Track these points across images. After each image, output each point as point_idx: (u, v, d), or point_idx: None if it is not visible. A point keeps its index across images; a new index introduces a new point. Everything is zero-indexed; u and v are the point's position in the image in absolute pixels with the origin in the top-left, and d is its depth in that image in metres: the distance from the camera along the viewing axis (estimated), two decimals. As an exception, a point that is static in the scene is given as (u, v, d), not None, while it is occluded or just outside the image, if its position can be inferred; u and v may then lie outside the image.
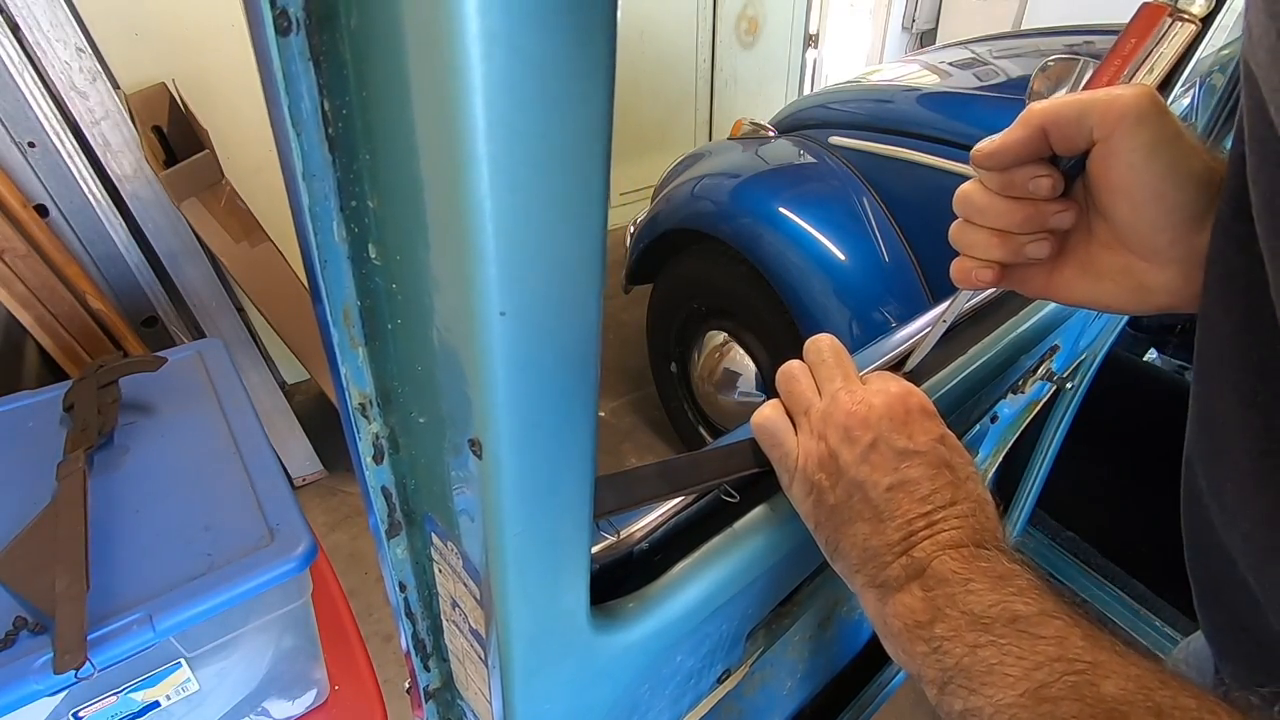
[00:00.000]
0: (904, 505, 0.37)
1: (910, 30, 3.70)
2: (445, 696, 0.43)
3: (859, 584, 0.39)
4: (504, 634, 0.30)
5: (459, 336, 0.23)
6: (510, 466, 0.25)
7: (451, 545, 0.31)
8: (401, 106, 0.20)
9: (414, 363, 0.27)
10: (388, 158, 0.22)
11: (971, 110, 1.38)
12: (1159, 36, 0.50)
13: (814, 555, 0.53)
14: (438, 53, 0.18)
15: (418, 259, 0.23)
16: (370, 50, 0.20)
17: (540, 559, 0.29)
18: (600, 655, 0.36)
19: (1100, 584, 1.25)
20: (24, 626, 0.53)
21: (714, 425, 1.89)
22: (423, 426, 0.29)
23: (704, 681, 0.51)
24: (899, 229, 1.43)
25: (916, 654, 0.34)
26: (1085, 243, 0.42)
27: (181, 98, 1.60)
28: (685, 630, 0.41)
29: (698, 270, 1.73)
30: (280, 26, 0.20)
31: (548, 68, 0.18)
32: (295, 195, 0.23)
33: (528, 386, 0.24)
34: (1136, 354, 1.49)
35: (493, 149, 0.18)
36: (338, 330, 0.27)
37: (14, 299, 1.21)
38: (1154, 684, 0.28)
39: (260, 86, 0.21)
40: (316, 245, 0.24)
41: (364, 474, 0.31)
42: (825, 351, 0.45)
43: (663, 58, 3.07)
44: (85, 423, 0.71)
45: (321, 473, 1.96)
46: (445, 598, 0.36)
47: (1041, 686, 0.29)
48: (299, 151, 0.22)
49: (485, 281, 0.21)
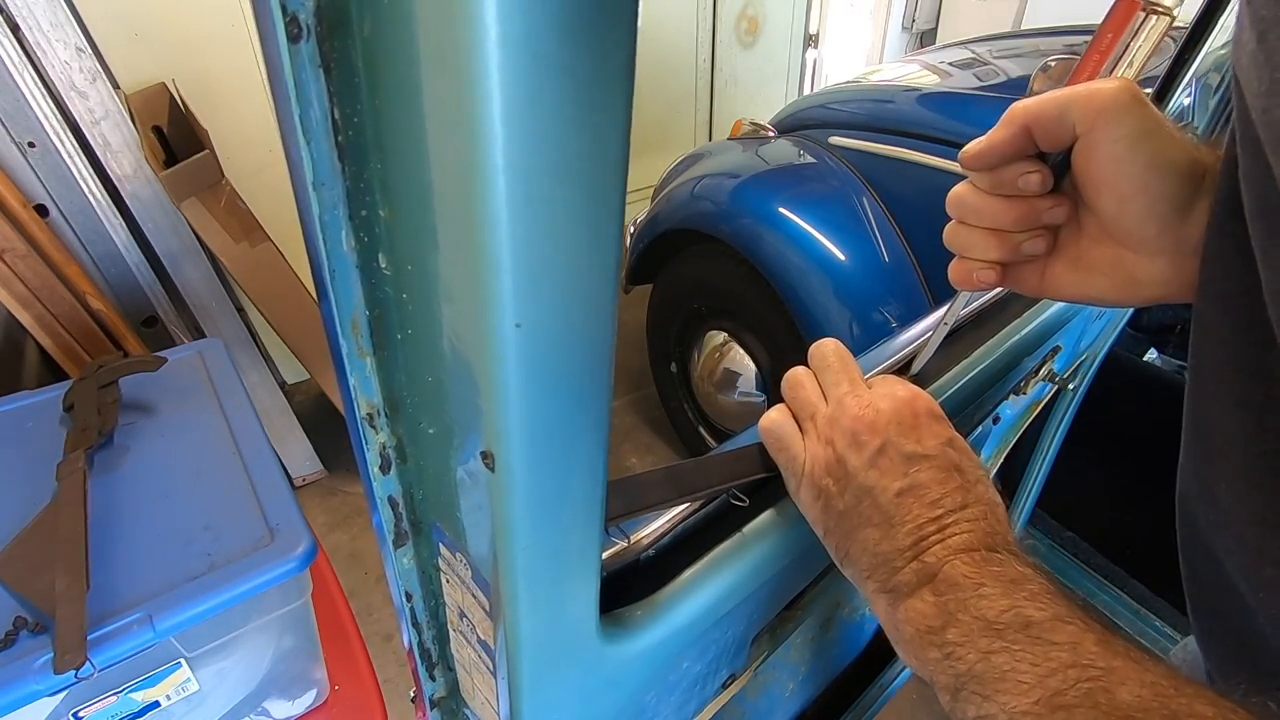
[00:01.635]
0: (914, 510, 0.37)
1: (910, 30, 3.70)
2: (450, 705, 0.43)
3: (870, 590, 0.38)
4: (513, 645, 0.30)
5: (472, 348, 0.23)
6: (522, 478, 0.25)
7: (460, 556, 0.31)
8: (414, 114, 0.20)
9: (424, 373, 0.26)
10: (399, 166, 0.22)
11: (971, 110, 1.38)
12: (1134, 30, 0.51)
13: (821, 559, 0.53)
14: (455, 60, 0.17)
15: (429, 269, 0.23)
16: (383, 57, 0.20)
17: (551, 570, 0.29)
18: (608, 664, 0.36)
19: (1100, 584, 1.25)
20: (24, 626, 0.53)
21: (714, 425, 1.89)
22: (432, 437, 0.28)
23: (709, 686, 0.51)
24: (899, 229, 1.42)
25: (929, 660, 0.34)
26: (1075, 238, 0.42)
27: (181, 98, 1.60)
28: (693, 636, 0.41)
29: (698, 270, 1.73)
30: (291, 33, 0.20)
31: (568, 75, 0.18)
32: (304, 203, 0.23)
33: (542, 398, 0.23)
34: (1136, 354, 1.49)
35: (511, 158, 0.18)
36: (346, 340, 0.26)
37: (14, 299, 1.21)
38: (1169, 691, 0.27)
39: (267, 91, 0.21)
40: (326, 254, 0.24)
41: (371, 484, 0.31)
42: (830, 356, 0.44)
43: (663, 58, 3.06)
44: (85, 423, 0.71)
45: (321, 473, 1.96)
46: (452, 608, 0.35)
47: (1056, 694, 0.29)
48: (309, 160, 0.22)
49: (501, 293, 0.20)
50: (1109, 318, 0.88)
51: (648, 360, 2.05)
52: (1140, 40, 0.51)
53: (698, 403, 1.91)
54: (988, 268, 0.43)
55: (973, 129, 1.31)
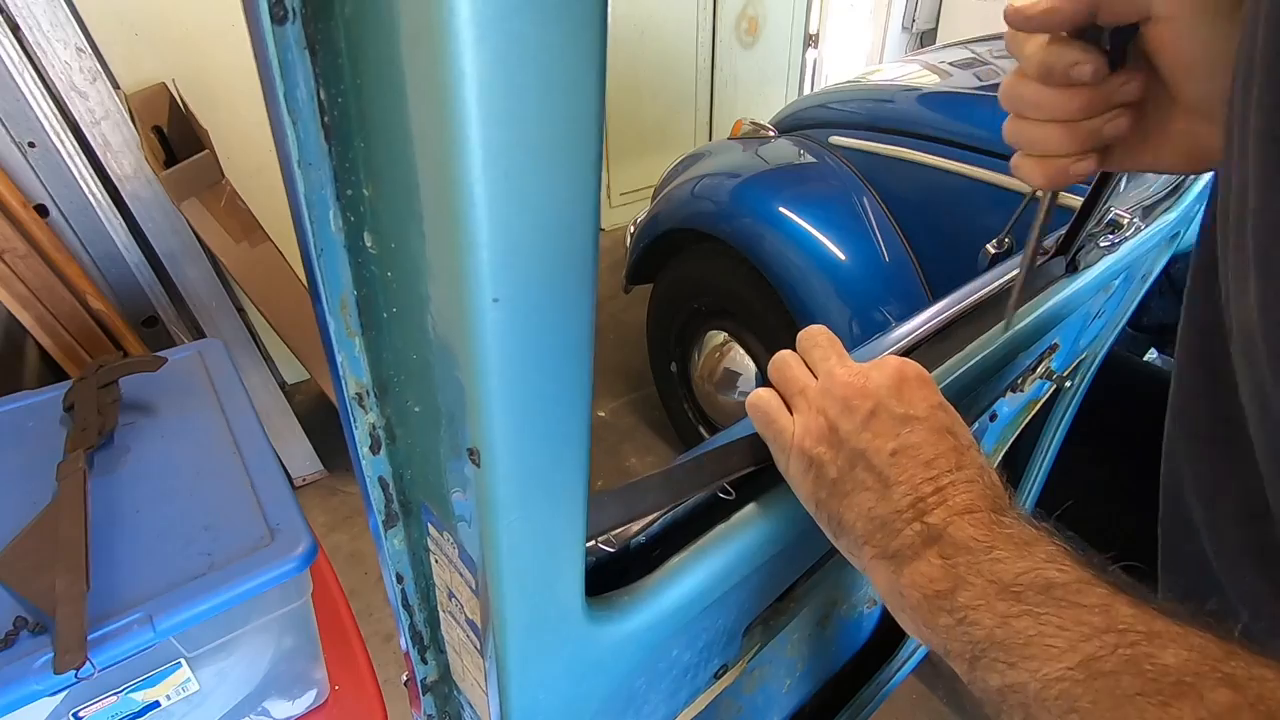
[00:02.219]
0: (909, 469, 0.36)
1: (910, 30, 3.70)
2: (443, 689, 0.43)
3: (867, 558, 0.37)
4: (499, 623, 0.31)
5: (452, 324, 0.23)
6: (503, 453, 0.25)
7: (447, 535, 0.31)
8: (395, 94, 0.20)
9: (409, 351, 0.27)
10: (382, 145, 0.22)
11: (971, 110, 1.38)
12: None
13: (810, 551, 0.54)
14: (430, 39, 0.18)
15: (412, 247, 0.23)
16: (364, 38, 0.20)
17: (535, 547, 0.29)
18: (595, 646, 0.36)
19: (1100, 584, 1.25)
20: (24, 626, 0.53)
21: (714, 425, 1.89)
22: (419, 415, 0.29)
23: (701, 676, 0.51)
24: (899, 229, 1.42)
25: (939, 627, 0.32)
26: (1145, 111, 0.40)
27: (181, 98, 1.60)
28: (681, 624, 0.41)
29: (698, 270, 1.73)
30: (276, 15, 0.20)
31: (539, 54, 0.18)
32: (291, 184, 0.23)
33: (522, 373, 0.24)
34: (1136, 354, 1.49)
35: (484, 134, 0.18)
36: (334, 319, 0.27)
37: (14, 299, 1.21)
38: (1220, 654, 0.25)
39: (258, 79, 0.21)
40: (313, 234, 0.24)
41: (361, 464, 0.31)
42: (819, 336, 0.44)
43: (663, 58, 3.06)
44: (85, 423, 0.71)
45: (321, 473, 1.96)
46: (442, 588, 0.36)
47: (1092, 659, 0.26)
48: (295, 140, 0.22)
49: (478, 268, 0.21)
50: (1108, 317, 0.88)
51: (648, 360, 2.05)
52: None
53: (698, 403, 1.91)
54: (1077, 160, 0.40)
55: (973, 129, 1.32)
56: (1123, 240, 0.74)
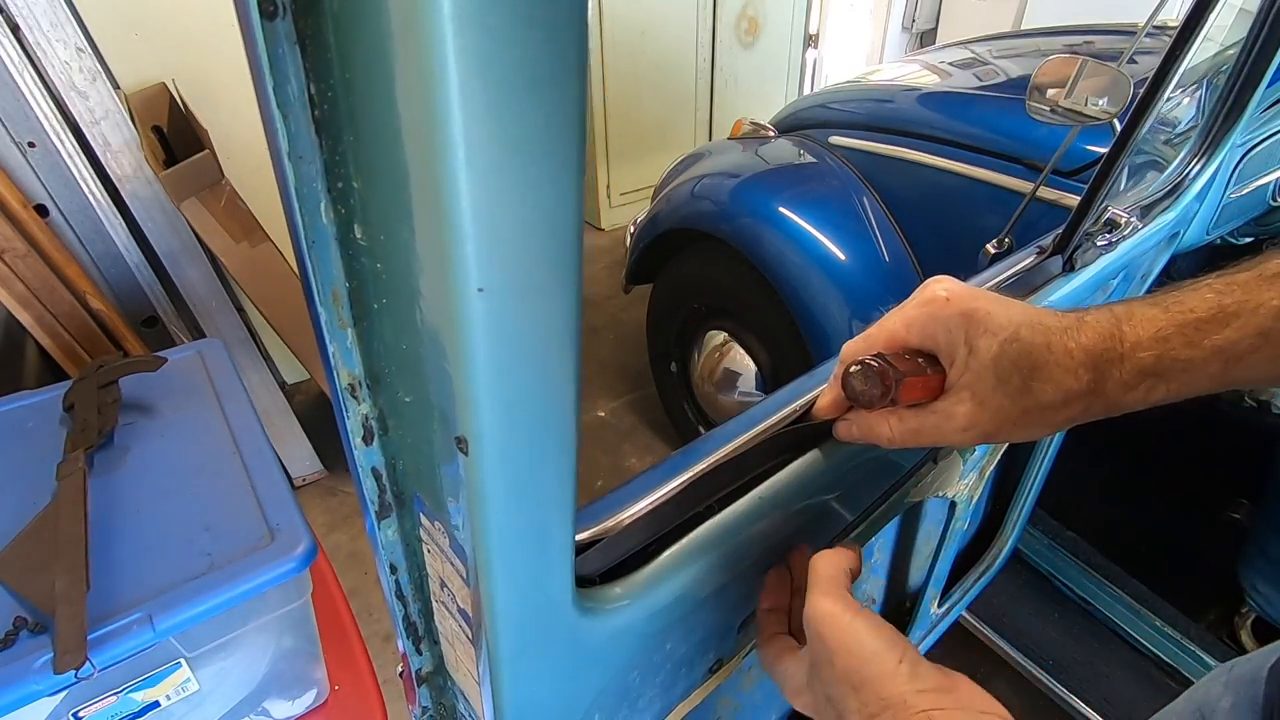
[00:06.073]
0: None
1: (910, 30, 3.70)
2: (438, 681, 0.43)
3: None
4: (490, 613, 0.31)
5: (440, 314, 0.23)
6: (492, 444, 0.25)
7: (439, 524, 0.32)
8: (383, 88, 0.20)
9: (399, 342, 0.27)
10: (370, 138, 0.22)
11: (971, 110, 1.38)
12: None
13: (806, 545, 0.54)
14: (413, 34, 0.18)
15: (401, 239, 0.23)
16: (352, 32, 0.21)
17: (524, 535, 0.29)
18: (587, 639, 0.37)
19: (1100, 584, 1.25)
20: (24, 626, 0.53)
21: (714, 425, 1.89)
22: (409, 406, 0.29)
23: (696, 670, 0.52)
24: (899, 228, 1.43)
25: None
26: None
27: (181, 98, 1.60)
28: (674, 618, 0.42)
29: (698, 270, 1.73)
30: (266, 10, 0.20)
31: (520, 48, 0.18)
32: (283, 177, 0.23)
33: (508, 362, 0.24)
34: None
35: (468, 127, 0.19)
36: (326, 311, 0.27)
37: (14, 299, 1.22)
38: None
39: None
40: (304, 227, 0.25)
41: (353, 455, 0.32)
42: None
43: (663, 58, 3.07)
44: (85, 423, 0.71)
45: (321, 473, 1.96)
46: (434, 578, 0.36)
47: None
48: (285, 134, 0.22)
49: (463, 259, 0.21)
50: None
51: (648, 360, 2.05)
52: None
53: (698, 402, 1.91)
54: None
55: (973, 128, 1.32)
56: (1120, 239, 0.74)
